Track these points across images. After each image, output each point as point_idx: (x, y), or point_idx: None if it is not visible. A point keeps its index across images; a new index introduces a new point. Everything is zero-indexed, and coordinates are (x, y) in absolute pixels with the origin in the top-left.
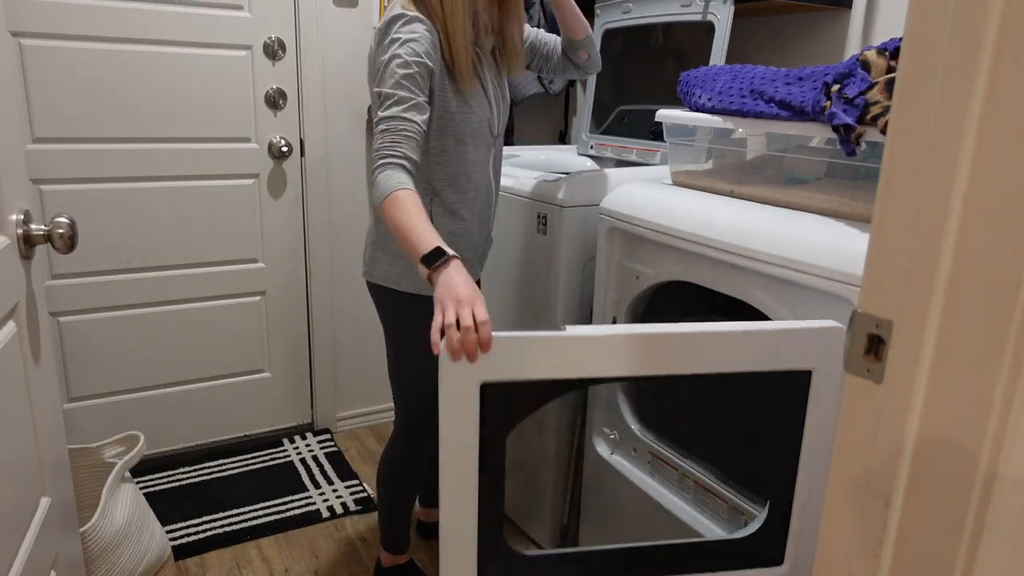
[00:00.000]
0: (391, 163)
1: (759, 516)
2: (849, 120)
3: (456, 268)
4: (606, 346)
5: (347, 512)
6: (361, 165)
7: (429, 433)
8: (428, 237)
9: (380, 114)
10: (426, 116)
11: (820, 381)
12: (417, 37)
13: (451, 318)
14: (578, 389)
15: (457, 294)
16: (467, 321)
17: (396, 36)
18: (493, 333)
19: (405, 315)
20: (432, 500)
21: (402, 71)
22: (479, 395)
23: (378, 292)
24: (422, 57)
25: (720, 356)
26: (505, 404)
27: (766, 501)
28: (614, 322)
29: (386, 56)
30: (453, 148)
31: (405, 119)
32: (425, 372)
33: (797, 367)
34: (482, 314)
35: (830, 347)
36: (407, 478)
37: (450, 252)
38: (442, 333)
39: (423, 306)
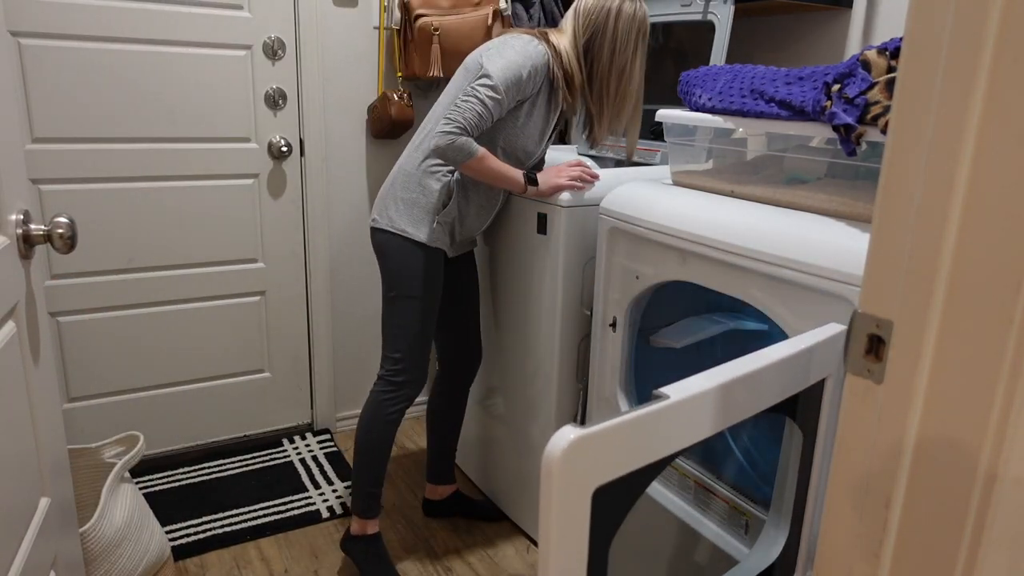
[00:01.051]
0: (464, 131)
1: (768, 525)
2: (849, 120)
3: (547, 178)
4: (705, 402)
5: (347, 512)
6: (361, 165)
7: (410, 382)
8: (519, 173)
9: (479, 87)
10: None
11: (834, 387)
12: (536, 62)
13: (572, 172)
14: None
15: (562, 176)
16: (585, 176)
17: (527, 58)
18: (599, 428)
19: (410, 261)
20: (439, 477)
21: (508, 76)
22: (591, 504)
23: (389, 239)
24: (524, 87)
25: (765, 391)
26: (614, 504)
27: (778, 513)
28: (614, 322)
29: (515, 63)
30: (500, 156)
31: (489, 111)
32: (417, 318)
33: (818, 378)
34: (584, 170)
35: (842, 352)
36: (383, 430)
37: (533, 174)
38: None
39: (426, 258)
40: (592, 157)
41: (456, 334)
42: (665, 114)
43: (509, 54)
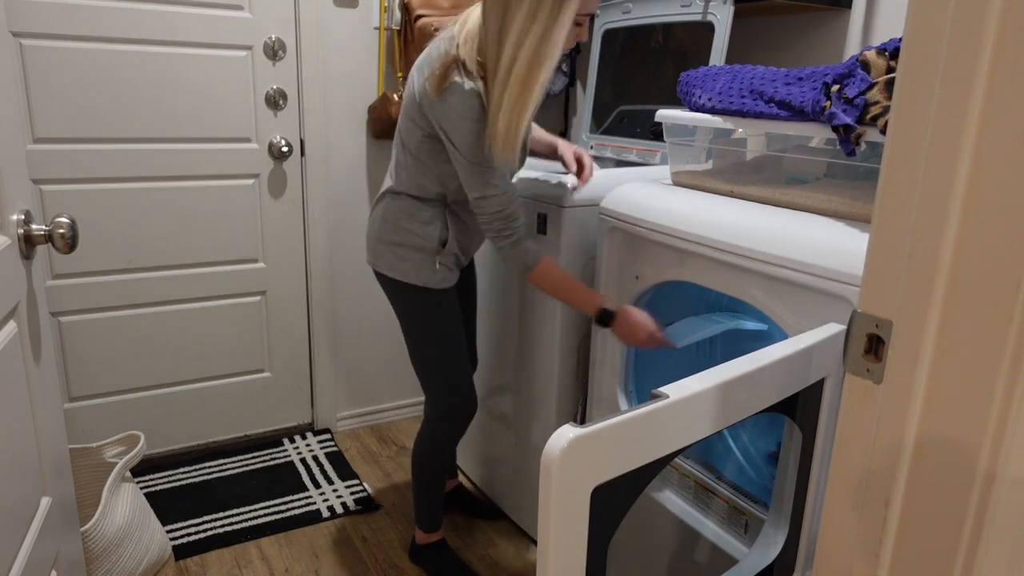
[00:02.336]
0: (524, 233)
1: (767, 525)
2: (849, 120)
3: (624, 316)
4: (704, 402)
5: (347, 512)
6: (361, 165)
7: (459, 416)
8: (589, 296)
9: (497, 184)
10: (436, 145)
11: (834, 387)
12: (479, 107)
13: (646, 336)
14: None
15: (637, 339)
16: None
17: (467, 112)
18: (597, 427)
19: (417, 305)
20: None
21: (480, 143)
22: (590, 502)
23: (389, 284)
24: (480, 120)
25: (765, 390)
26: (612, 503)
27: (778, 513)
28: None
29: (472, 130)
30: (468, 207)
31: (503, 183)
32: (445, 356)
33: (818, 378)
34: (659, 339)
35: (842, 352)
36: (440, 460)
37: (612, 307)
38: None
39: (429, 296)
40: (592, 158)
41: None
42: (665, 114)
43: (462, 124)
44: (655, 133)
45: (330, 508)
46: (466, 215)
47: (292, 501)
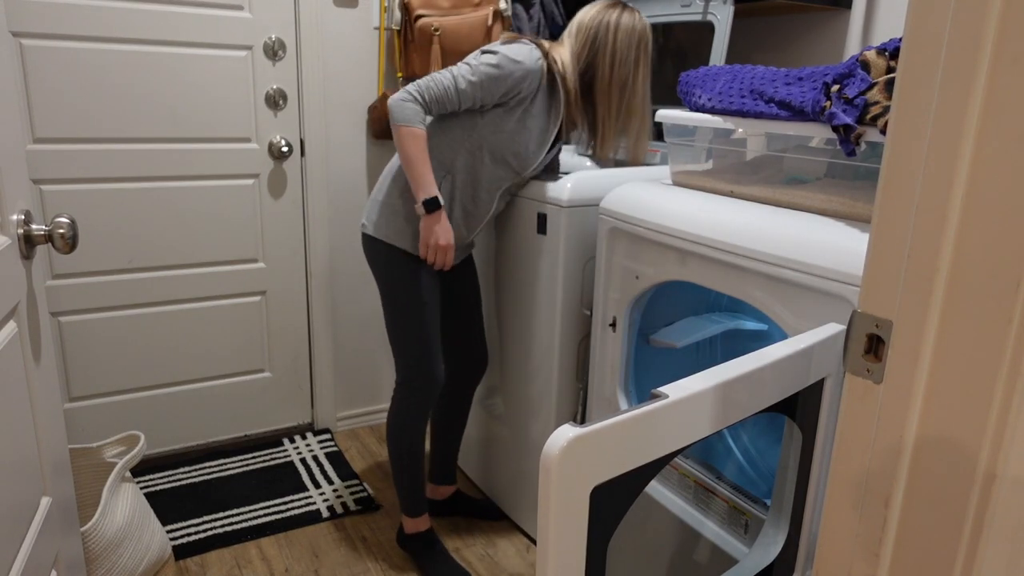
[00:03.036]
0: (420, 103)
1: (767, 525)
2: (849, 120)
3: (439, 219)
4: (703, 402)
5: (347, 512)
6: (361, 165)
7: (426, 385)
8: (431, 181)
9: (452, 70)
10: (465, 110)
11: (834, 387)
12: (529, 68)
13: (429, 256)
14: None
15: (438, 240)
16: (443, 261)
17: (511, 56)
18: (597, 426)
19: (399, 270)
20: (441, 478)
21: (489, 70)
22: (589, 502)
23: (375, 246)
24: (508, 84)
25: (765, 390)
26: (612, 503)
27: (778, 513)
28: (614, 322)
29: (494, 58)
30: (487, 160)
31: (457, 91)
32: (417, 324)
33: (818, 378)
34: (449, 259)
35: (842, 352)
36: (411, 433)
37: (442, 202)
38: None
39: (414, 263)
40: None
41: (460, 341)
42: (665, 114)
43: (502, 50)
44: (655, 133)
45: (330, 508)
46: (468, 200)
47: (292, 501)
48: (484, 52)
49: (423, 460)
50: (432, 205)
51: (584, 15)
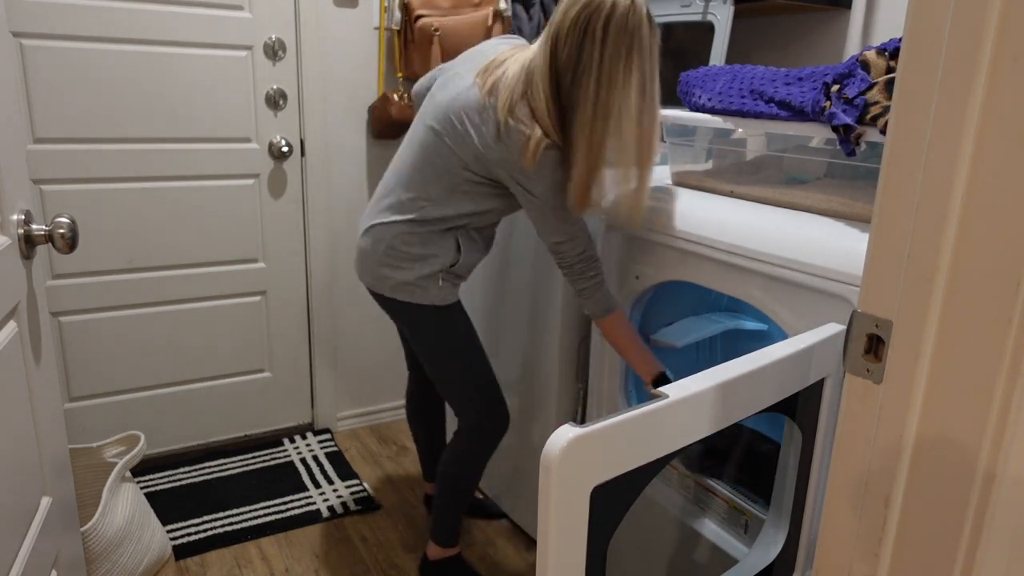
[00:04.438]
0: (604, 276)
1: (767, 525)
2: (849, 120)
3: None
4: (703, 402)
5: (347, 512)
6: (361, 165)
7: (498, 428)
8: (651, 360)
9: (577, 225)
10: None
11: (833, 387)
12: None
13: None
14: (676, 456)
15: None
16: None
17: (551, 166)
18: (597, 426)
19: (428, 324)
20: (435, 475)
21: (555, 197)
22: (589, 502)
23: (399, 307)
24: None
25: (765, 390)
26: (612, 503)
27: (777, 512)
28: None
29: (551, 180)
30: (486, 227)
31: (579, 228)
32: (468, 370)
33: (818, 378)
34: None
35: (841, 352)
36: (473, 477)
37: (669, 375)
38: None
39: (439, 312)
40: None
41: None
42: (665, 114)
43: (547, 176)
44: None
45: (330, 508)
46: (479, 236)
47: (292, 501)
48: (531, 191)
49: (472, 497)
50: (663, 380)
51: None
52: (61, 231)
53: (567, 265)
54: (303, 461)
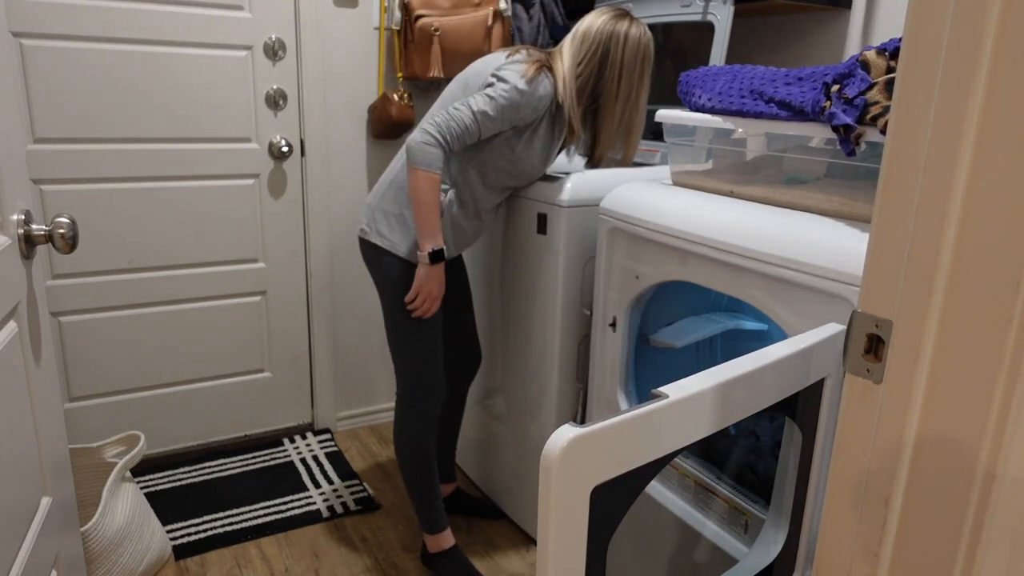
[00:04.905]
0: (442, 146)
1: (767, 525)
2: (849, 120)
3: (439, 271)
4: (703, 402)
5: (347, 512)
6: (361, 165)
7: (429, 396)
8: (438, 231)
9: (469, 100)
10: (483, 138)
11: (833, 387)
12: (541, 96)
13: (417, 303)
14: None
15: (432, 291)
16: (426, 310)
17: (527, 87)
18: (597, 426)
19: (394, 276)
20: (441, 477)
21: (505, 103)
22: (589, 502)
23: (375, 251)
24: (523, 113)
25: (765, 390)
26: (612, 503)
27: (777, 512)
28: (614, 322)
29: (508, 85)
30: (490, 177)
31: (478, 125)
32: (418, 332)
33: (818, 378)
34: (434, 309)
35: (841, 352)
36: (420, 447)
37: (444, 254)
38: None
39: (409, 271)
40: None
41: (453, 338)
42: (665, 114)
43: (516, 80)
44: (655, 133)
45: (330, 508)
46: (464, 218)
47: (292, 501)
48: (499, 80)
49: (434, 474)
50: (437, 257)
51: (592, 23)
52: (61, 231)
53: (429, 118)
54: (303, 461)
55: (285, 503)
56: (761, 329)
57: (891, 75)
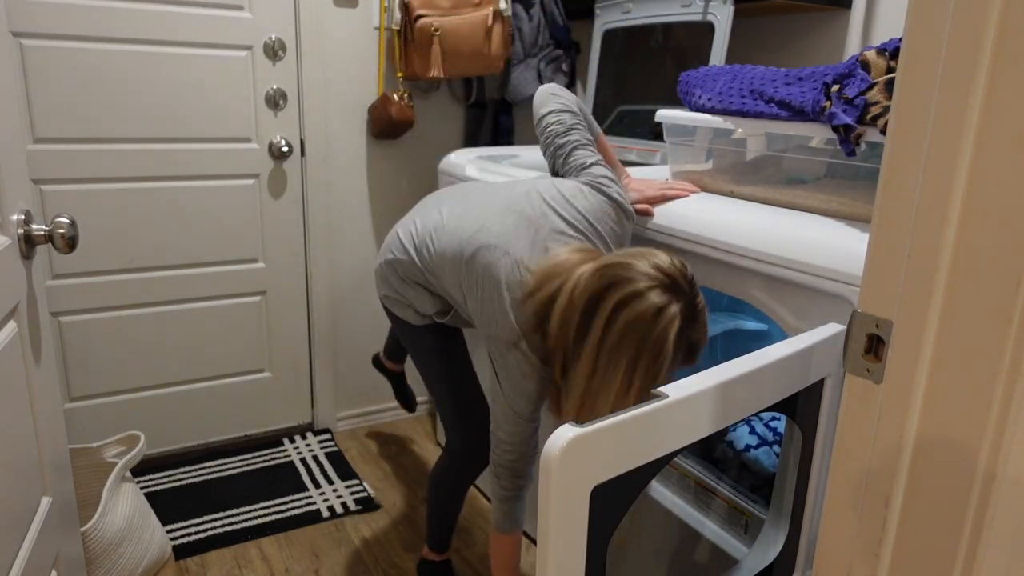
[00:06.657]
0: (523, 493)
1: (767, 525)
2: (849, 120)
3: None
4: (703, 402)
5: (347, 512)
6: (361, 165)
7: (463, 453)
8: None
9: (521, 434)
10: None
11: (833, 387)
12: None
13: (672, 194)
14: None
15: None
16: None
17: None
18: (596, 426)
19: (411, 341)
20: (394, 356)
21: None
22: (589, 502)
23: (392, 318)
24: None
25: (765, 390)
26: (612, 503)
27: (778, 512)
28: None
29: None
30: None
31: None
32: (440, 389)
33: (818, 378)
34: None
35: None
36: (460, 492)
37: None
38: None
39: (425, 334)
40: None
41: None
42: (665, 114)
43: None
44: (655, 133)
45: (330, 508)
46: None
47: (292, 501)
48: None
49: (460, 511)
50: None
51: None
52: (61, 231)
53: (496, 461)
54: (303, 461)
55: (285, 503)
56: (761, 329)
57: (891, 75)
